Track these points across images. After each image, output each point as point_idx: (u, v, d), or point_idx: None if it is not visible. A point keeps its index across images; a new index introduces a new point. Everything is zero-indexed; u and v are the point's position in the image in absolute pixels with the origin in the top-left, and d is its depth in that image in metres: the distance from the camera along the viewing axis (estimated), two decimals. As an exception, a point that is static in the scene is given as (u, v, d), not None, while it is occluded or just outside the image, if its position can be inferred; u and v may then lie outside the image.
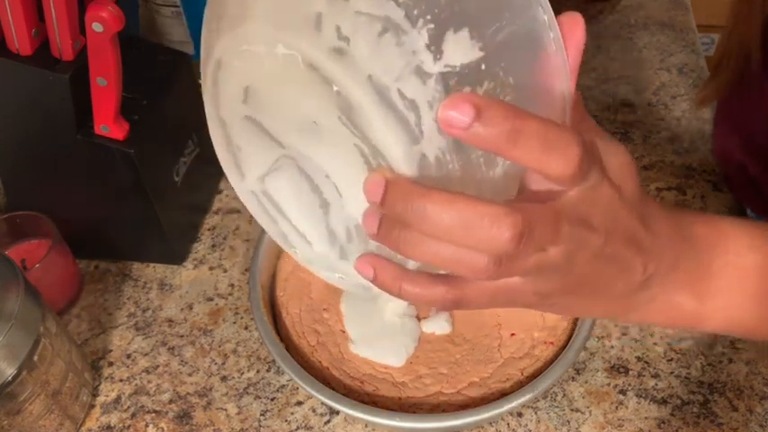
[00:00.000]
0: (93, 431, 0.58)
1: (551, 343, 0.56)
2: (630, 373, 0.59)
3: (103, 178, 0.61)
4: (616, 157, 0.32)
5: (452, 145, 0.28)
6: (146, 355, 0.63)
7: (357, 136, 0.28)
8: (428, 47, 0.26)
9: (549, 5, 0.28)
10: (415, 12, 0.25)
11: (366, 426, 0.57)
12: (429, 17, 0.25)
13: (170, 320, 0.65)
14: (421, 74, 0.26)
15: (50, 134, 0.59)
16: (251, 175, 0.35)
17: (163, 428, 0.58)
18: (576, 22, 0.29)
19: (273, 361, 0.61)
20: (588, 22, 0.29)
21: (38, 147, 0.61)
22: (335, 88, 0.27)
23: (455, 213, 0.27)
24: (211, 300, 0.66)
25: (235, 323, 0.64)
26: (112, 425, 0.58)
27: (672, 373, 0.58)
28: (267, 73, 0.29)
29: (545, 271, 0.31)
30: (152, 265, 0.69)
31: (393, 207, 0.28)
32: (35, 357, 0.51)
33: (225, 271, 0.68)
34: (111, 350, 0.63)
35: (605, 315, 0.36)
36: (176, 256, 0.69)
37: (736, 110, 0.66)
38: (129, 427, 0.58)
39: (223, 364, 0.62)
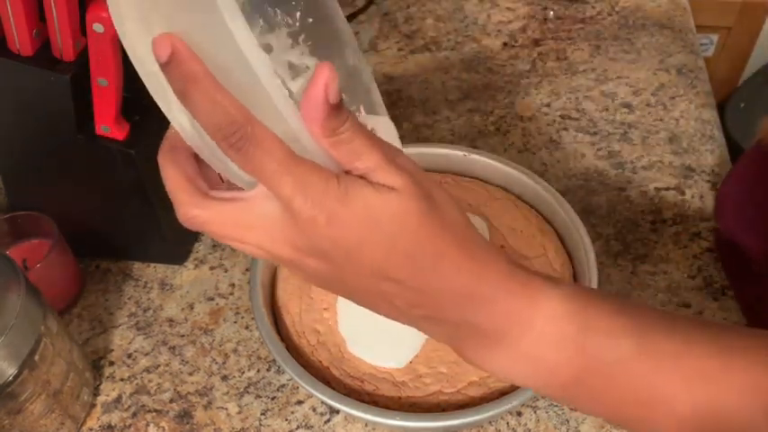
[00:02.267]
0: (95, 430, 0.58)
1: (551, 342, 0.56)
2: (630, 372, 0.59)
3: (104, 178, 0.61)
4: (379, 206, 0.31)
5: (191, 122, 0.33)
6: (146, 354, 0.63)
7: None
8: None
9: (260, 54, 0.30)
10: (153, 18, 0.31)
11: (366, 425, 0.57)
12: (164, 25, 0.30)
13: (171, 320, 0.65)
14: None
15: (51, 134, 0.59)
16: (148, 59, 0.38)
17: (164, 428, 0.58)
18: (317, 75, 0.30)
19: (274, 360, 0.61)
20: (587, 22, 0.30)
21: (39, 147, 0.61)
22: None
23: (165, 181, 0.35)
24: (212, 299, 0.66)
25: (235, 323, 0.65)
26: (113, 424, 0.59)
27: (671, 372, 0.59)
28: None
29: (270, 259, 0.35)
30: (153, 264, 0.69)
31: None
32: (36, 357, 0.51)
33: (225, 271, 0.69)
34: (112, 350, 0.63)
35: (395, 320, 0.36)
36: (177, 255, 0.69)
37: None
38: (129, 426, 0.58)
39: (224, 363, 0.62)
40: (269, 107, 0.30)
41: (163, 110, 0.35)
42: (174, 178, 0.35)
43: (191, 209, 0.34)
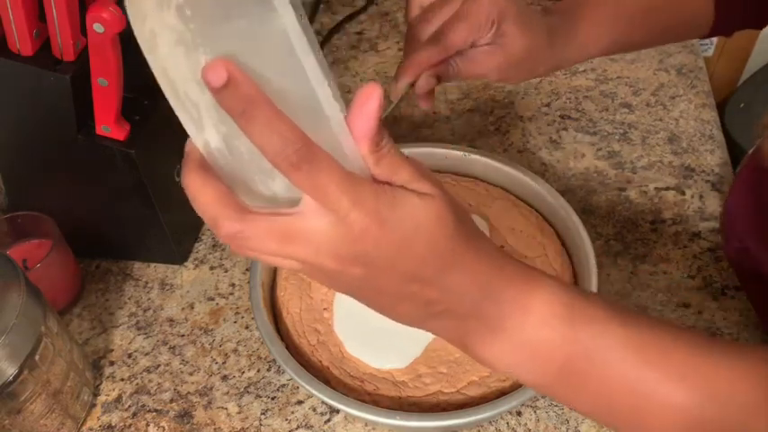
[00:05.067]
0: (95, 430, 0.58)
1: (551, 342, 0.56)
2: (629, 372, 0.59)
3: (104, 178, 0.61)
4: (420, 208, 0.34)
5: (226, 146, 0.33)
6: (147, 354, 0.63)
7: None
8: None
9: (324, 77, 0.32)
10: (199, 41, 0.31)
11: (366, 425, 0.57)
12: (208, 49, 0.31)
13: (171, 320, 0.65)
14: (201, 85, 0.31)
15: (52, 134, 0.59)
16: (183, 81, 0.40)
17: (164, 427, 0.58)
18: (369, 95, 0.33)
19: (274, 360, 0.61)
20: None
21: (39, 147, 0.61)
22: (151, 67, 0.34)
23: (196, 199, 0.34)
24: (212, 299, 0.66)
25: (235, 323, 0.65)
26: (113, 424, 0.59)
27: (671, 372, 0.59)
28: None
29: (306, 274, 0.35)
30: (153, 264, 0.69)
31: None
32: (36, 357, 0.51)
33: (226, 271, 0.69)
34: (113, 349, 0.63)
35: (401, 322, 0.39)
36: (177, 255, 0.69)
37: None
38: (130, 426, 0.58)
39: (224, 363, 0.62)
40: (324, 127, 0.33)
41: (188, 131, 0.35)
42: (211, 195, 0.34)
43: (234, 224, 0.33)
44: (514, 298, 0.37)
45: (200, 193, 0.34)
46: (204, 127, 0.34)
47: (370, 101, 0.33)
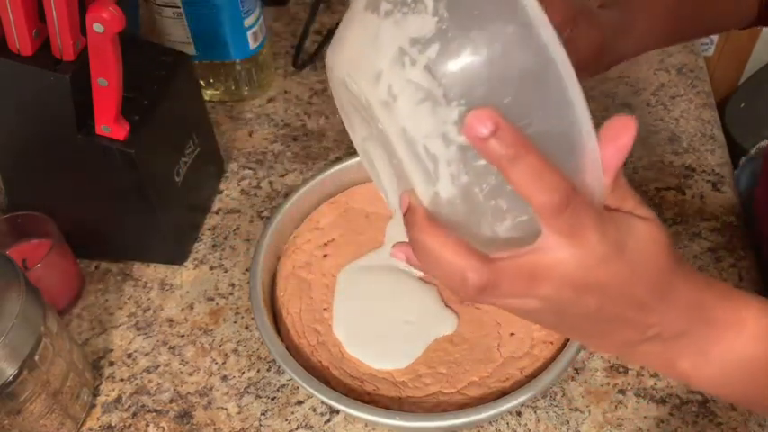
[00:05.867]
0: (94, 431, 0.58)
1: (551, 342, 0.56)
2: (630, 372, 0.59)
3: (104, 178, 0.61)
4: (641, 235, 0.34)
5: (461, 195, 0.32)
6: (146, 354, 0.63)
7: (395, 158, 0.35)
8: (455, 122, 0.31)
9: (586, 111, 0.31)
10: (452, 94, 0.30)
11: (366, 425, 0.57)
12: (464, 101, 0.30)
13: (171, 320, 0.65)
14: (445, 139, 0.31)
15: (51, 134, 0.59)
16: (356, 135, 0.42)
17: (163, 428, 0.58)
18: (625, 127, 0.33)
19: (274, 360, 0.61)
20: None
21: (39, 147, 0.61)
22: (380, 126, 0.33)
23: (440, 255, 0.33)
24: (212, 299, 0.66)
25: (235, 323, 0.65)
26: (113, 424, 0.59)
27: (671, 372, 0.59)
28: (350, 89, 0.35)
29: (532, 313, 0.35)
30: (153, 264, 0.69)
31: (407, 227, 0.35)
32: (36, 357, 0.51)
33: (225, 271, 0.68)
34: (112, 350, 0.63)
35: (601, 352, 0.39)
36: (177, 255, 0.69)
37: None
38: (129, 426, 0.58)
39: (223, 363, 0.62)
40: (576, 157, 0.32)
41: (416, 184, 0.34)
42: (454, 248, 0.33)
43: (484, 274, 0.33)
44: (725, 316, 0.37)
45: (445, 248, 0.33)
46: (438, 179, 0.33)
47: (625, 134, 0.33)
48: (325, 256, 0.64)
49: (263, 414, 0.59)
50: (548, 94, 0.30)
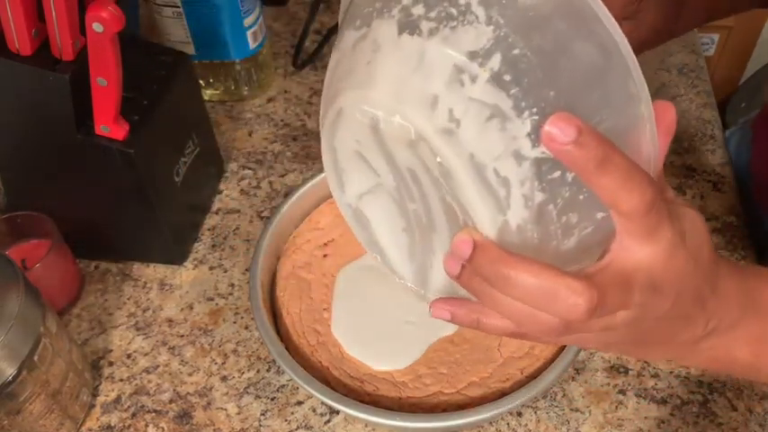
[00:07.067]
0: (94, 431, 0.58)
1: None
2: (630, 372, 0.59)
3: (104, 178, 0.61)
4: (693, 224, 0.34)
5: (534, 217, 0.30)
6: (146, 354, 0.63)
7: (449, 194, 0.32)
8: (529, 135, 0.28)
9: (650, 101, 0.30)
10: (523, 104, 0.28)
11: (366, 425, 0.57)
12: (535, 110, 0.28)
13: (170, 320, 0.65)
14: (518, 156, 0.29)
15: (50, 134, 0.59)
16: (350, 192, 0.39)
17: (163, 428, 0.58)
18: (666, 109, 0.33)
19: (273, 361, 0.61)
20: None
21: (38, 147, 0.61)
22: (439, 159, 0.30)
23: (539, 283, 0.30)
24: (211, 300, 0.66)
25: (235, 323, 0.64)
26: (113, 424, 0.58)
27: (671, 372, 0.58)
28: (382, 130, 0.32)
29: (612, 329, 0.33)
30: (152, 265, 0.69)
31: (480, 268, 0.31)
32: (35, 357, 0.51)
33: (225, 271, 0.68)
34: (112, 350, 0.63)
35: (663, 358, 0.40)
36: (176, 256, 0.69)
37: None
38: (129, 426, 0.58)
39: (223, 363, 0.62)
40: (642, 148, 0.31)
41: (480, 217, 0.31)
42: (551, 272, 0.30)
43: (592, 294, 0.30)
44: (756, 298, 0.37)
45: (542, 277, 0.30)
46: (510, 206, 0.30)
47: (668, 114, 0.33)
48: (324, 256, 0.63)
49: (263, 414, 0.58)
50: (614, 88, 0.29)
